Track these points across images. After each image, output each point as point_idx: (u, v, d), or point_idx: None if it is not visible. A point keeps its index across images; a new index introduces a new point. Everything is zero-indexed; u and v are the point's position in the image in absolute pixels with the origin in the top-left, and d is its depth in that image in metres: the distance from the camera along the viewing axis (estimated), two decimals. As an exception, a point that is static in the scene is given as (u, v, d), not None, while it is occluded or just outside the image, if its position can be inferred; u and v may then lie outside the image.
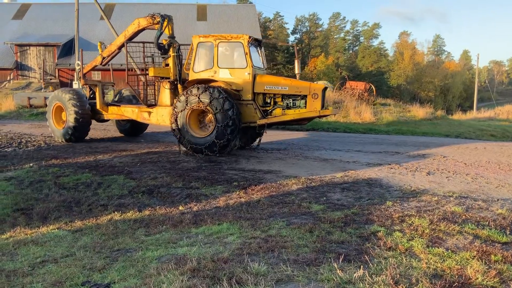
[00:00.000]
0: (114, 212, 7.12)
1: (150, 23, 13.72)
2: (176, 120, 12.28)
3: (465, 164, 11.60)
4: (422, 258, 4.60)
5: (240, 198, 7.89)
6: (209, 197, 8.02)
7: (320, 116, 12.65)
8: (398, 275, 4.10)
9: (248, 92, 12.30)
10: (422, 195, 7.91)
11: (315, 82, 12.39)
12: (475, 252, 4.76)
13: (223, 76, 12.38)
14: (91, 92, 16.26)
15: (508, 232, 5.57)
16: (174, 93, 13.45)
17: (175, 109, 12.32)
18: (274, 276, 4.14)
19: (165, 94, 13.61)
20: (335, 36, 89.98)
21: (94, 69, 16.78)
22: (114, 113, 15.31)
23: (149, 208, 7.33)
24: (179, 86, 13.36)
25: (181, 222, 6.36)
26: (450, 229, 5.67)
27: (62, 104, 15.11)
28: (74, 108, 14.82)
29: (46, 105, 20.36)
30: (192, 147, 12.21)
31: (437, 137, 20.78)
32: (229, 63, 12.57)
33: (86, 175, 9.84)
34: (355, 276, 4.06)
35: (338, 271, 4.16)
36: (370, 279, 4.00)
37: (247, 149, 14.15)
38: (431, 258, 4.59)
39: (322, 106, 12.09)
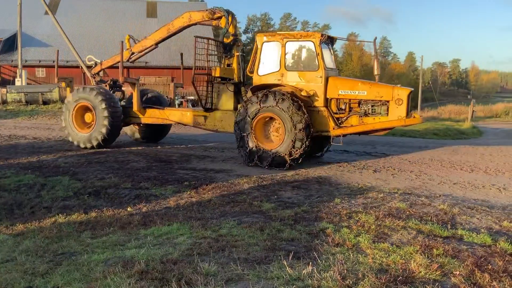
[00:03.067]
0: (58, 215, 6.84)
1: (207, 18, 12.37)
2: (239, 128, 10.88)
3: (409, 161, 12.05)
4: (368, 254, 4.73)
5: (191, 198, 7.80)
6: (159, 197, 7.88)
7: (405, 126, 11.14)
8: (345, 271, 4.19)
9: (320, 97, 10.79)
10: (369, 192, 8.15)
11: (398, 85, 10.73)
12: (418, 247, 4.95)
13: (291, 79, 10.93)
14: (118, 93, 14.59)
15: (449, 227, 5.84)
16: (236, 96, 12.12)
17: (239, 115, 10.94)
18: (224, 276, 4.12)
19: (226, 97, 12.14)
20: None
21: (112, 66, 14.84)
22: (154, 116, 13.49)
23: (96, 210, 7.10)
24: (242, 89, 12.14)
25: (130, 224, 6.20)
26: (395, 224, 5.87)
27: (91, 105, 13.04)
28: (108, 109, 12.84)
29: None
30: (255, 158, 10.76)
31: (383, 136, 21.45)
32: (298, 65, 11.13)
33: (28, 176, 9.40)
34: (304, 273, 4.11)
35: (287, 269, 4.20)
36: (318, 275, 4.06)
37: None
38: (377, 253, 4.73)
39: (407, 114, 10.46)
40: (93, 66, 14.98)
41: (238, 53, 12.15)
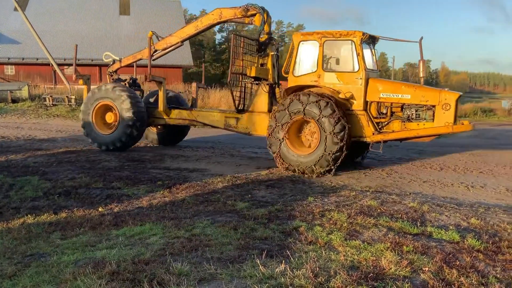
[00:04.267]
0: (27, 215, 6.67)
1: (240, 15, 11.73)
2: (273, 131, 10.31)
3: (381, 160, 12.25)
4: (340, 251, 4.79)
5: (164, 197, 7.74)
6: (131, 197, 7.78)
7: (452, 133, 10.19)
8: (317, 268, 4.23)
9: (360, 100, 10.07)
10: (341, 190, 8.25)
11: (446, 89, 9.98)
12: (388, 244, 5.04)
13: (328, 81, 10.24)
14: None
15: (419, 224, 5.96)
16: (271, 98, 11.50)
17: (273, 118, 10.37)
18: (197, 275, 4.10)
19: (261, 99, 11.48)
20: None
21: (124, 66, 14.23)
22: (180, 117, 12.88)
23: (66, 210, 6.95)
24: (277, 90, 11.66)
25: (101, 224, 6.10)
26: (366, 222, 5.96)
27: (114, 104, 12.49)
28: (132, 109, 12.26)
29: None
30: (286, 163, 10.17)
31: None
32: (336, 66, 10.47)
33: (-4, 176, 9.14)
34: (276, 271, 4.13)
35: (260, 267, 4.21)
36: (291, 273, 4.09)
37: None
38: (348, 251, 4.79)
39: (455, 120, 9.68)
40: (111, 63, 14.25)
41: (272, 53, 11.59)
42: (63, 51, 37.47)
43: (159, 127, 14.21)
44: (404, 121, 10.07)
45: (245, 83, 11.65)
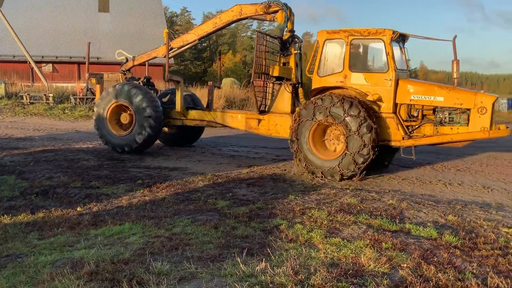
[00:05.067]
0: (3, 215, 6.54)
1: (261, 12, 11.17)
2: (296, 134, 9.79)
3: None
4: (320, 248, 4.82)
5: (144, 196, 7.67)
6: (110, 196, 7.69)
7: (489, 138, 9.56)
8: (298, 266, 4.25)
9: (389, 102, 9.48)
10: (322, 188, 8.30)
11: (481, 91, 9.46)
12: (368, 241, 5.09)
13: (355, 82, 9.65)
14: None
15: (397, 221, 6.04)
16: (293, 98, 11.03)
17: (297, 119, 9.88)
18: (177, 275, 4.08)
19: (283, 99, 10.99)
20: (242, 35, 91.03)
21: (138, 65, 13.72)
22: (198, 118, 12.35)
23: (43, 210, 6.84)
24: (300, 90, 11.11)
25: (79, 224, 6.02)
26: (346, 219, 6.01)
27: (129, 105, 11.98)
28: (149, 110, 11.77)
29: None
30: (311, 167, 9.60)
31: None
32: (364, 66, 10.06)
33: (-30, 176, 8.94)
34: (257, 269, 4.14)
35: (241, 265, 4.20)
36: (271, 271, 4.10)
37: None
38: (328, 248, 4.83)
39: (491, 124, 9.09)
40: (124, 61, 13.73)
41: (296, 51, 11.07)
42: (41, 49, 36.82)
43: (171, 127, 13.68)
44: (436, 125, 9.49)
45: (267, 83, 11.12)
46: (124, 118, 12.27)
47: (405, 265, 4.40)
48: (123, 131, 12.23)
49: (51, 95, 25.26)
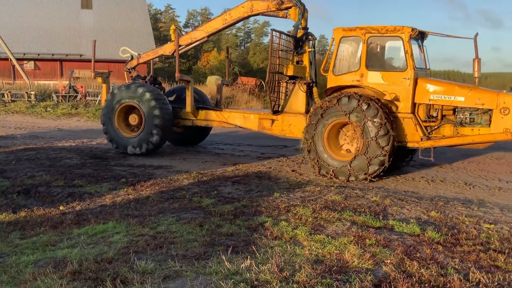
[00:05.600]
0: (-17, 215, 6.43)
1: (273, 8, 10.78)
2: (309, 133, 9.56)
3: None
4: (305, 245, 4.84)
5: (128, 195, 7.61)
6: (94, 195, 7.62)
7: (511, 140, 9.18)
8: (282, 263, 4.27)
9: (407, 102, 9.19)
10: (307, 185, 8.34)
11: (504, 91, 9.00)
12: (352, 237, 5.13)
13: (372, 81, 9.35)
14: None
15: (381, 218, 6.10)
16: (308, 98, 10.71)
17: (311, 120, 9.58)
18: (161, 273, 4.06)
19: (298, 99, 10.68)
20: (227, 32, 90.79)
21: (143, 63, 13.30)
22: (209, 119, 12.02)
23: (25, 209, 6.74)
24: (314, 89, 10.78)
25: (62, 223, 5.95)
26: (331, 216, 6.05)
27: (138, 105, 11.57)
28: (158, 110, 11.38)
29: None
30: (326, 168, 9.36)
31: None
32: (381, 64, 9.71)
33: (-51, 175, 8.77)
34: (242, 267, 4.14)
35: (226, 263, 4.20)
36: (256, 268, 4.11)
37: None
38: (313, 245, 4.85)
39: None
40: (129, 59, 13.19)
41: (310, 49, 10.70)
42: (23, 45, 36.23)
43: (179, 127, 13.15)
44: (456, 126, 9.19)
45: (280, 82, 10.80)
46: (133, 119, 11.90)
47: (388, 261, 4.44)
48: (132, 133, 11.87)
49: (33, 92, 24.89)
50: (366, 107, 8.89)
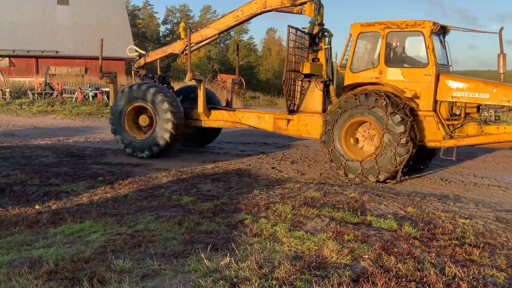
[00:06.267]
0: (-45, 216, 6.27)
1: (288, 4, 10.39)
2: (328, 133, 9.25)
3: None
4: (284, 242, 4.86)
5: (106, 193, 7.51)
6: (70, 194, 7.49)
7: None
8: (262, 260, 4.27)
9: (428, 100, 8.84)
10: (286, 182, 8.36)
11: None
12: (331, 233, 5.17)
13: (392, 78, 9.01)
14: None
15: (359, 213, 6.16)
16: (324, 96, 10.35)
17: (328, 119, 9.30)
18: (139, 272, 4.02)
19: (314, 98, 10.33)
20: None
21: (151, 61, 12.83)
22: (221, 119, 11.52)
23: (0, 209, 6.59)
24: (331, 88, 10.45)
25: (37, 222, 5.84)
26: (310, 213, 6.08)
27: (149, 106, 11.13)
28: (171, 111, 10.93)
29: None
30: (342, 168, 9.12)
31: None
32: (402, 61, 9.37)
33: None
34: (221, 264, 4.13)
35: (205, 261, 4.18)
36: (236, 265, 4.10)
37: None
38: (292, 241, 4.87)
39: None
40: (136, 58, 12.75)
41: (326, 46, 10.33)
42: (-4, 41, 35.39)
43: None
44: (480, 124, 8.81)
45: (295, 81, 10.47)
46: (143, 120, 11.44)
47: (366, 256, 4.49)
48: (143, 134, 11.44)
49: (8, 90, 24.38)
50: (385, 103, 8.60)
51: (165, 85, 12.27)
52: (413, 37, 9.26)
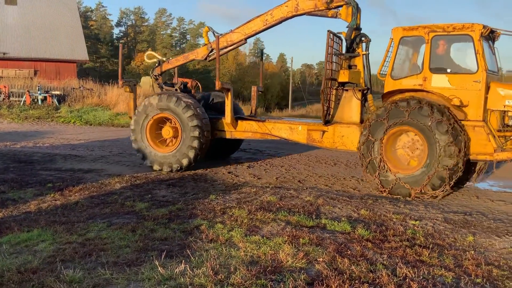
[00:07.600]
0: None
1: (322, 7, 9.66)
2: (367, 145, 8.54)
3: (281, 157, 12.64)
4: (240, 247, 4.84)
5: (56, 200, 7.23)
6: (17, 201, 7.15)
7: None
8: (218, 266, 4.24)
9: (478, 109, 8.13)
10: (243, 187, 8.36)
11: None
12: (286, 237, 5.21)
13: (437, 85, 8.34)
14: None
15: (314, 217, 6.24)
16: (362, 106, 9.57)
17: (367, 130, 8.60)
18: (90, 282, 3.89)
19: (351, 107, 9.54)
20: (161, 32, 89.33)
21: (172, 68, 11.89)
22: (250, 130, 10.54)
23: None
24: (369, 96, 9.53)
25: (-19, 232, 5.53)
26: (266, 217, 6.10)
27: (175, 117, 10.12)
28: (198, 123, 9.98)
29: None
30: (383, 184, 8.41)
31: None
32: (448, 66, 8.61)
33: None
34: (176, 272, 4.07)
35: (159, 269, 4.11)
36: (191, 272, 4.05)
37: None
38: (248, 246, 4.87)
39: None
40: (155, 65, 11.74)
41: (364, 52, 9.60)
42: None
43: None
44: None
45: (331, 90, 9.68)
46: (166, 132, 10.36)
47: (321, 259, 4.55)
48: (167, 148, 10.49)
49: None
50: (430, 112, 7.99)
51: (187, 93, 11.36)
52: (461, 41, 8.75)
